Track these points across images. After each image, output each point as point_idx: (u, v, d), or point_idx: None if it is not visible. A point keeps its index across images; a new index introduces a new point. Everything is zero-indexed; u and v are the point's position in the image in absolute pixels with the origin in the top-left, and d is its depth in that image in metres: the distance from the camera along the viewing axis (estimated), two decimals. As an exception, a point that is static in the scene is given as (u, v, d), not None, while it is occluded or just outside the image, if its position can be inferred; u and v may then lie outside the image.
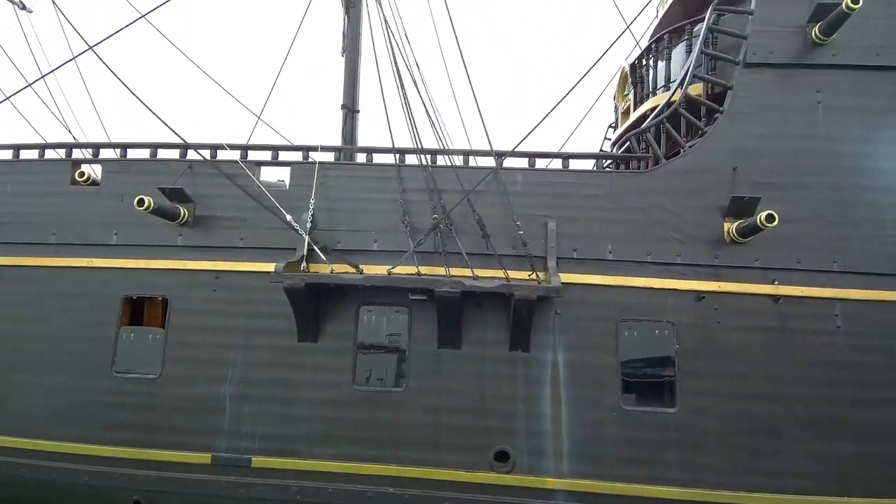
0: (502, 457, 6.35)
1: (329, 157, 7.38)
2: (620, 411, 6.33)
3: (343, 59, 11.06)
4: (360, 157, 7.62)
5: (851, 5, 6.24)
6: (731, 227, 6.50)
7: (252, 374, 6.69)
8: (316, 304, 6.54)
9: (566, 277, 6.55)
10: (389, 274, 6.30)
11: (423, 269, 6.55)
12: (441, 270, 6.49)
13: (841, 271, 6.41)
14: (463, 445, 6.39)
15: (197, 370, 6.76)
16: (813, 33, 6.75)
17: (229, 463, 6.55)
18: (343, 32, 11.33)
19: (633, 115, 9.16)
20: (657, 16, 10.36)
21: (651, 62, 8.96)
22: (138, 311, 7.48)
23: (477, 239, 6.63)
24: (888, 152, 6.61)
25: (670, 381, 6.38)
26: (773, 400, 6.28)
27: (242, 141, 7.58)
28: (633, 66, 9.59)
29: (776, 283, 6.43)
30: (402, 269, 6.51)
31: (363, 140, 10.64)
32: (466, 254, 6.52)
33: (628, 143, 7.66)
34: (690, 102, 7.18)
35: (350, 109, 10.84)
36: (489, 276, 6.51)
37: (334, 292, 6.57)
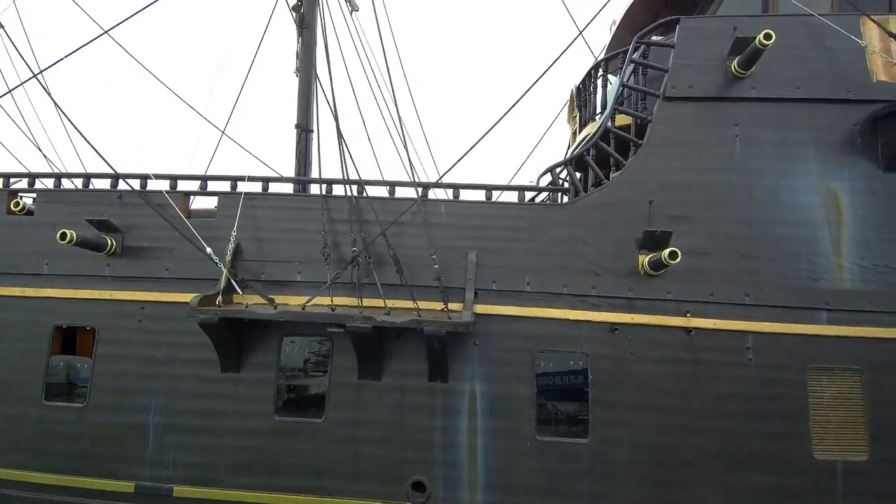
0: (419, 487, 6.44)
1: (283, 186, 7.44)
2: (535, 442, 6.42)
3: (297, 79, 11.24)
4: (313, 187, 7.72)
5: (764, 41, 6.33)
6: (644, 259, 6.60)
7: (176, 404, 6.78)
8: (237, 336, 6.63)
9: (485, 309, 6.66)
10: (303, 308, 6.38)
11: (347, 301, 6.65)
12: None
13: (753, 304, 6.51)
14: (381, 476, 6.48)
15: (122, 399, 6.85)
16: (732, 67, 6.85)
17: (151, 492, 6.64)
18: (297, 52, 11.49)
19: (577, 140, 9.27)
20: (610, 38, 10.48)
21: (591, 86, 9.07)
22: (71, 340, 7.57)
23: (395, 272, 6.72)
24: (804, 186, 6.70)
25: (583, 411, 6.48)
26: (685, 432, 6.37)
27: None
28: (578, 88, 9.69)
29: (689, 315, 6.52)
30: (325, 301, 6.62)
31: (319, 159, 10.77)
32: (383, 285, 6.61)
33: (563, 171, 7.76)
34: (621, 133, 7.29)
35: (304, 129, 10.96)
36: (410, 308, 6.61)
37: (256, 323, 6.66)
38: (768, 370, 6.39)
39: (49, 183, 7.79)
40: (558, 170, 7.46)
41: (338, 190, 7.21)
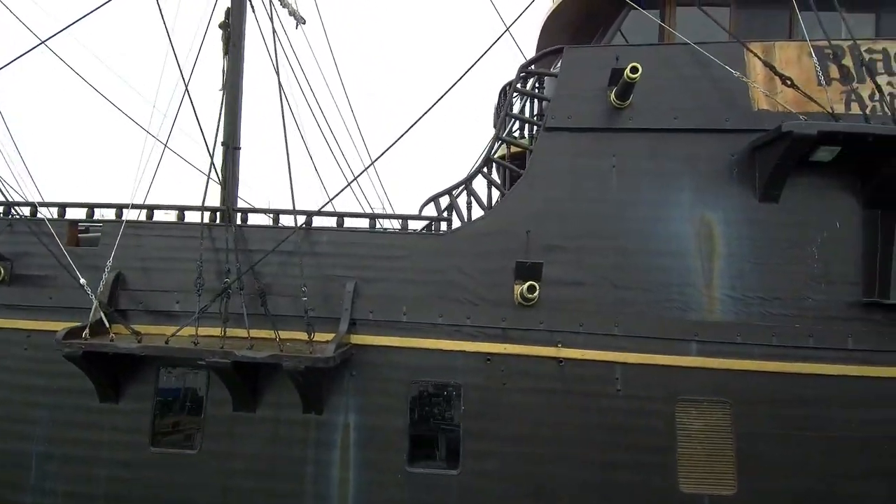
0: (290, 520, 6.47)
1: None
2: (405, 473, 6.44)
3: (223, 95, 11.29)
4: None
5: (631, 75, 6.34)
6: (518, 290, 6.61)
7: (57, 433, 6.81)
8: (112, 366, 6.65)
9: (361, 339, 6.68)
10: (167, 342, 6.40)
11: (231, 332, 6.67)
12: (247, 333, 6.60)
13: (623, 335, 6.51)
14: None
15: (7, 427, 6.90)
16: (611, 98, 6.86)
17: (33, 520, 6.69)
18: (223, 70, 11.53)
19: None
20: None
21: (501, 106, 9.09)
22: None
23: (277, 301, 6.74)
24: (678, 216, 6.70)
25: (455, 442, 6.49)
26: (555, 462, 6.38)
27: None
28: (495, 108, 9.72)
29: (559, 345, 6.54)
30: (210, 332, 6.64)
31: (246, 176, 10.82)
32: (262, 317, 6.63)
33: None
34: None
35: (230, 146, 11.01)
36: (294, 338, 6.63)
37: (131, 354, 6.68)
38: (636, 401, 6.40)
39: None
40: (443, 198, 7.48)
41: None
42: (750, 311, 6.48)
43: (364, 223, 7.23)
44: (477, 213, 7.27)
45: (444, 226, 7.20)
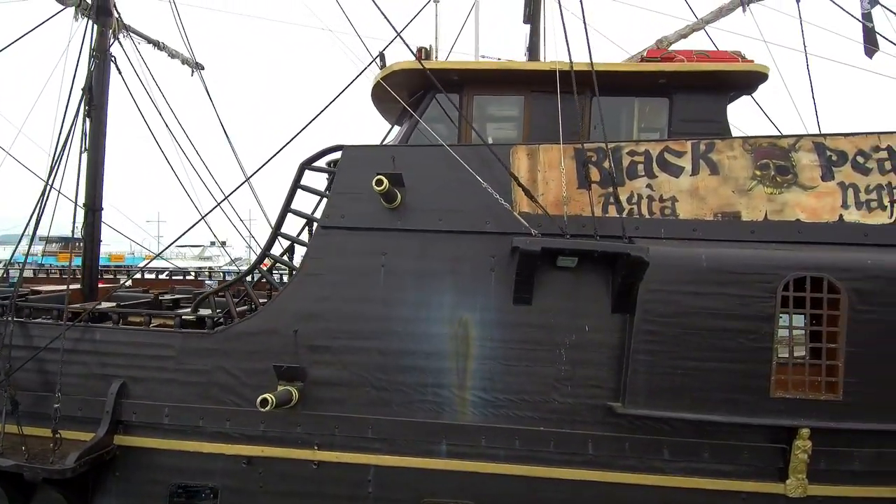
0: None
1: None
2: (162, 575, 6.59)
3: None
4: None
5: (376, 187, 6.45)
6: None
7: None
8: None
9: (127, 441, 6.80)
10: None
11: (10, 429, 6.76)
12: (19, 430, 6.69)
13: (376, 437, 6.67)
14: None
15: None
16: (381, 198, 6.96)
17: None
18: (84, 132, 11.52)
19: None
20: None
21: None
22: None
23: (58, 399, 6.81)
24: (438, 317, 6.83)
25: (211, 545, 6.64)
26: None
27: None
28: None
29: (316, 448, 6.68)
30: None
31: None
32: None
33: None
34: None
35: (91, 209, 11.05)
36: (76, 438, 6.72)
37: None
38: (386, 503, 6.57)
39: None
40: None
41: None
42: (498, 414, 6.65)
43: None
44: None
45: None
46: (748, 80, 7.54)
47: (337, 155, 7.27)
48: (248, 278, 7.84)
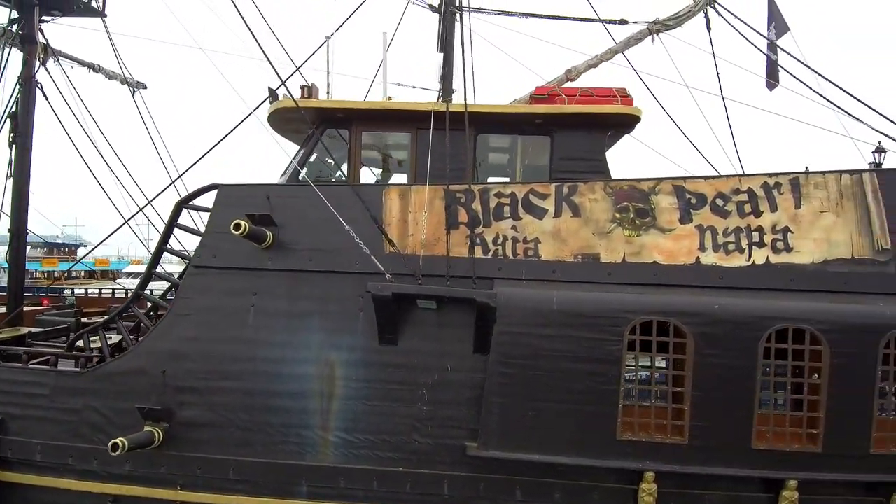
0: None
1: None
2: None
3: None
4: None
5: (234, 231, 6.55)
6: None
7: None
8: None
9: (6, 477, 6.90)
10: None
11: None
12: None
13: (237, 479, 6.75)
14: None
15: None
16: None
17: None
18: (10, 158, 11.68)
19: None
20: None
21: None
22: None
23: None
24: (305, 357, 6.92)
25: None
26: None
27: None
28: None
29: (179, 488, 6.76)
30: None
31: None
32: None
33: None
34: None
35: (16, 234, 11.21)
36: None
37: None
38: None
39: None
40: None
41: None
42: (359, 455, 6.73)
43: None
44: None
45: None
46: (624, 121, 7.67)
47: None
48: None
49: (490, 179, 8.99)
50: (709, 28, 9.65)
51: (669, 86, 9.97)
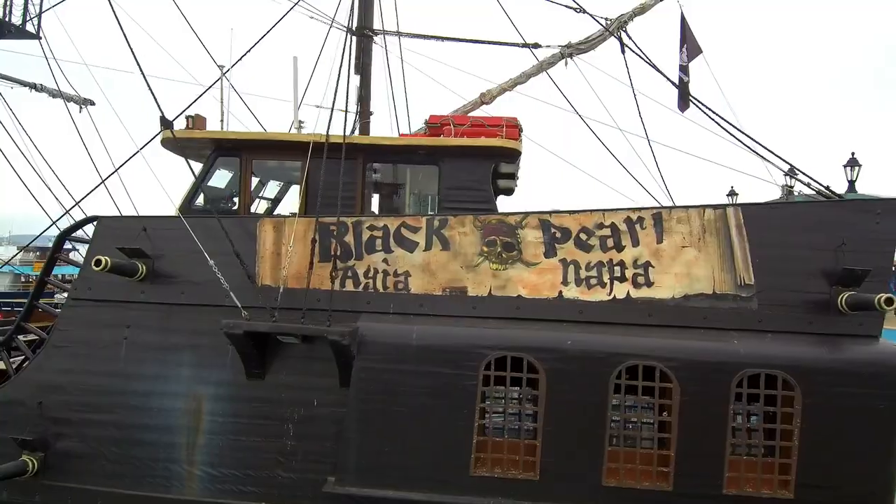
0: None
1: None
2: None
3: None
4: None
5: (94, 267, 6.62)
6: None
7: None
8: None
9: None
10: None
11: None
12: None
13: (104, 513, 6.82)
14: None
15: None
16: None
17: None
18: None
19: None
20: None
21: None
22: None
23: None
24: (173, 392, 6.98)
25: None
26: None
27: None
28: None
29: (49, 521, 6.84)
30: None
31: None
32: None
33: None
34: None
35: None
36: None
37: None
38: None
39: None
40: None
41: None
42: (224, 489, 6.77)
43: None
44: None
45: None
46: (506, 153, 7.72)
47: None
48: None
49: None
50: (623, 52, 9.71)
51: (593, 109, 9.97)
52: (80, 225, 7.61)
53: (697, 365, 6.17)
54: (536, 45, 10.11)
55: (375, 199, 8.97)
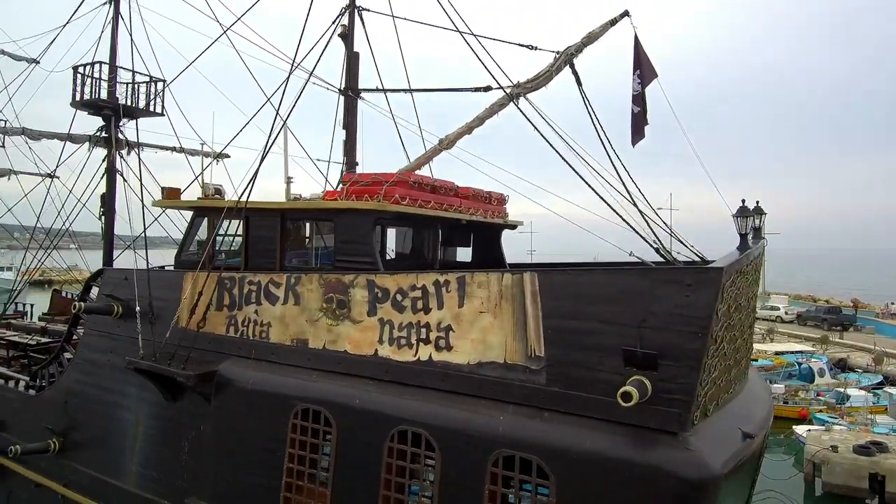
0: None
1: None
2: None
3: None
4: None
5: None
6: None
7: None
8: None
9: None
10: None
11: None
12: None
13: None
14: None
15: None
16: None
17: None
18: None
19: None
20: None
21: None
22: None
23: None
24: (127, 405, 9.09)
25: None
26: None
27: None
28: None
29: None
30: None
31: None
32: None
33: None
34: None
35: None
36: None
37: None
38: None
39: None
40: None
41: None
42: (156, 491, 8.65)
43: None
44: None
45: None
46: (384, 214, 8.14)
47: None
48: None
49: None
50: (579, 83, 9.26)
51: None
52: (97, 275, 10.31)
53: (458, 438, 6.04)
54: (488, 88, 10.09)
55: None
